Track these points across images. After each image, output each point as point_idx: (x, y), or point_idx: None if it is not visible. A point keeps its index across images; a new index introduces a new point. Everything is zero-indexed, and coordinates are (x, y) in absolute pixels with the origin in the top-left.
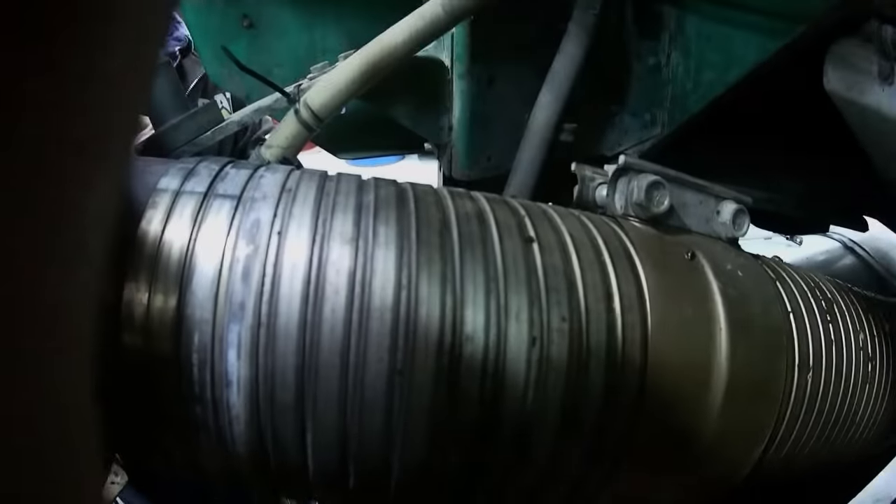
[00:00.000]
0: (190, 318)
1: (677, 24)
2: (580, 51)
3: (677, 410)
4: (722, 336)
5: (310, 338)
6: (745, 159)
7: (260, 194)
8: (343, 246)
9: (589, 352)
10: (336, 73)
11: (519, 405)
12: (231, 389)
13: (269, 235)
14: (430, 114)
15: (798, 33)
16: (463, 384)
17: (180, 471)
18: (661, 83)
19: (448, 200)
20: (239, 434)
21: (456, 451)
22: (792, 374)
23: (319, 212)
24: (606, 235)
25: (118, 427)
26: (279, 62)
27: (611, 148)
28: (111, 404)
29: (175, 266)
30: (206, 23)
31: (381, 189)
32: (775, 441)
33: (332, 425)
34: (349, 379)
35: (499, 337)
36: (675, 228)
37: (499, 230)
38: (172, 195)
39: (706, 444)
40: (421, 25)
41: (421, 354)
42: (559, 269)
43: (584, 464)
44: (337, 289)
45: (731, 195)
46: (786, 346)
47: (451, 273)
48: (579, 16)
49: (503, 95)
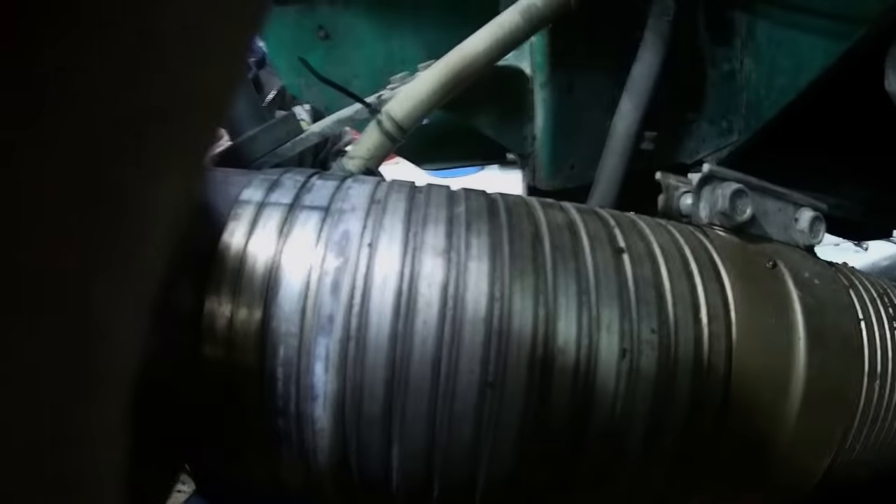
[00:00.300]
0: (276, 331)
1: (748, 29)
2: (657, 58)
3: (757, 419)
4: (800, 345)
5: (400, 350)
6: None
7: (348, 206)
8: (435, 258)
9: (676, 363)
10: (418, 83)
11: (607, 417)
12: (317, 403)
13: (358, 248)
14: (513, 123)
15: (859, 36)
16: (553, 397)
17: (258, 484)
18: (736, 89)
19: (539, 211)
20: (322, 447)
21: (543, 465)
22: (862, 382)
23: (410, 224)
24: (693, 245)
25: (196, 438)
26: (357, 73)
27: (689, 156)
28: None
29: (260, 278)
30: (281, 34)
31: (471, 200)
32: (844, 449)
33: (419, 438)
34: (439, 391)
35: (590, 349)
36: (757, 237)
37: (590, 241)
38: (256, 207)
39: (782, 453)
40: (501, 34)
41: (513, 367)
42: (649, 280)
43: (669, 476)
44: (429, 301)
45: (809, 202)
46: (858, 355)
47: (543, 285)
48: (654, 23)
49: (584, 104)
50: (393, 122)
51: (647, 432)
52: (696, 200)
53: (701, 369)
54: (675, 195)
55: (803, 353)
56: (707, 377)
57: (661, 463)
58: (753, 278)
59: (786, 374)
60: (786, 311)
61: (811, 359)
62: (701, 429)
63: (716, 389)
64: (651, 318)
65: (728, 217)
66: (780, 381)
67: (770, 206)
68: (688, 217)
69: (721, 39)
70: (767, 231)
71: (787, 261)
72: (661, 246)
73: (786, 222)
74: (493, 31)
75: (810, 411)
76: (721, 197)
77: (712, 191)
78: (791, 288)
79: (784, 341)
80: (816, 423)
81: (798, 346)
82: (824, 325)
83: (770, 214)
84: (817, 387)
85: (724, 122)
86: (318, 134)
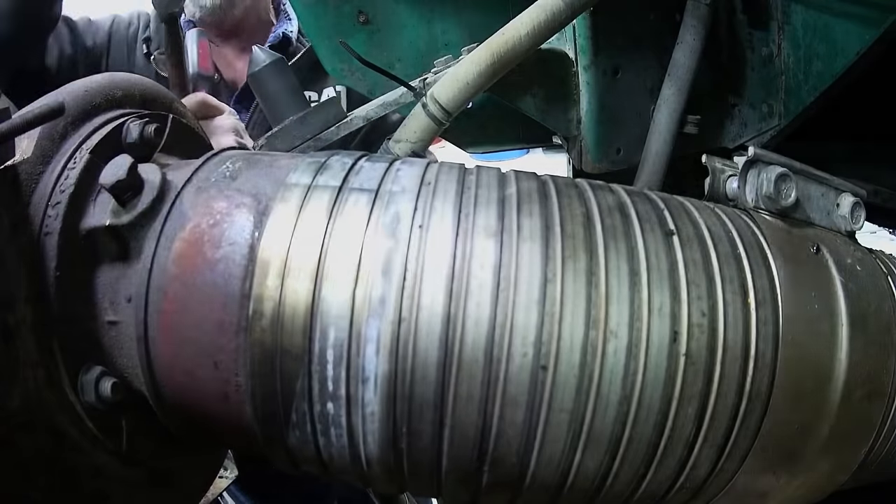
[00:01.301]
0: (326, 314)
1: (784, 13)
2: (698, 41)
3: (800, 406)
4: (843, 332)
5: (453, 332)
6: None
7: (398, 187)
8: (487, 240)
9: (726, 347)
10: (462, 66)
11: (659, 402)
12: (367, 385)
13: (409, 229)
14: (559, 106)
15: (891, 21)
16: (605, 380)
17: (304, 467)
18: (775, 74)
19: (590, 193)
20: (372, 431)
21: (594, 449)
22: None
23: (461, 205)
24: (740, 228)
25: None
26: (399, 57)
27: (732, 140)
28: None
29: (309, 261)
30: (321, 19)
31: (522, 182)
32: (879, 440)
33: (471, 421)
34: (491, 374)
35: (641, 332)
36: (801, 221)
37: (640, 223)
38: (304, 189)
39: (823, 441)
40: (543, 17)
41: (565, 350)
42: (699, 262)
43: (713, 460)
44: (482, 283)
45: (849, 188)
46: (895, 343)
47: (595, 267)
48: (692, 6)
49: (628, 86)
50: (438, 106)
51: (695, 416)
52: (741, 184)
53: (749, 353)
54: (721, 178)
55: (846, 340)
56: (756, 360)
57: (707, 447)
58: (799, 263)
59: (829, 362)
60: (829, 298)
61: (853, 346)
62: (748, 412)
63: (763, 375)
64: (701, 301)
65: (773, 201)
66: (823, 369)
67: (813, 191)
68: (734, 200)
69: (758, 23)
70: (810, 216)
71: (830, 246)
72: (709, 229)
73: (828, 207)
74: (535, 14)
75: (851, 398)
76: (766, 181)
77: (757, 174)
78: (834, 274)
79: (827, 328)
80: (856, 411)
81: (841, 332)
82: (865, 312)
83: (813, 199)
84: (858, 374)
85: (765, 106)
86: (363, 118)
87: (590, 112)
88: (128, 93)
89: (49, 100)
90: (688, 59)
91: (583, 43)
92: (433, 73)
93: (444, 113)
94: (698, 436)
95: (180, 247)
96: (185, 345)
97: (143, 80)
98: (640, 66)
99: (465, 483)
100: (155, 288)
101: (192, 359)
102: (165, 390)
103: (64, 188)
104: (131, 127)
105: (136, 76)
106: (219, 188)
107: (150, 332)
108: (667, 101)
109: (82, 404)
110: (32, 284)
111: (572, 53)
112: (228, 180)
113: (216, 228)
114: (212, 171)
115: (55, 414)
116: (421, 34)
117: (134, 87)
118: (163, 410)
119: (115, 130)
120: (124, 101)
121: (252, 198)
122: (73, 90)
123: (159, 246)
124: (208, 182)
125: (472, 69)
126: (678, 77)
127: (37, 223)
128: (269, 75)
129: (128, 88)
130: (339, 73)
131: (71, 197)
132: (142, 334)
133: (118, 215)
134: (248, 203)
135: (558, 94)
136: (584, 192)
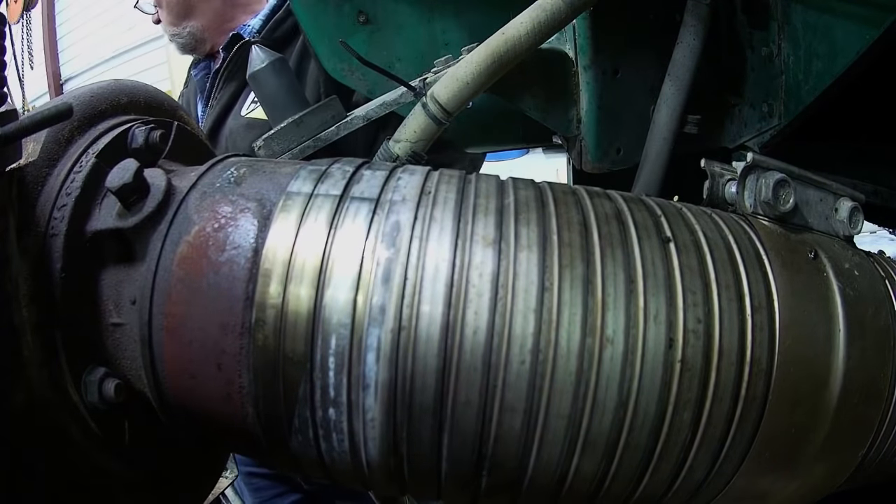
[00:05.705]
0: (327, 322)
1: (784, 13)
2: (697, 41)
3: (797, 410)
4: (840, 336)
5: (451, 340)
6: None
7: (399, 197)
8: (486, 249)
9: (721, 353)
10: (462, 66)
11: (655, 407)
12: (368, 392)
13: (409, 238)
14: (559, 106)
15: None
16: (602, 386)
17: (306, 472)
18: (775, 73)
19: (587, 200)
20: (373, 437)
21: (590, 454)
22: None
23: (461, 215)
24: (737, 235)
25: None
26: (399, 57)
27: (732, 140)
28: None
29: (311, 269)
30: (321, 19)
31: (520, 190)
32: (876, 443)
33: (470, 427)
34: (489, 381)
35: (637, 339)
36: (799, 226)
37: (637, 231)
38: (305, 198)
39: (819, 445)
40: (543, 17)
41: (562, 357)
42: (695, 269)
43: (710, 464)
44: (480, 291)
45: (847, 192)
46: (892, 348)
47: (592, 275)
48: (693, 6)
49: (628, 86)
50: (438, 105)
51: (691, 421)
52: (740, 189)
53: (745, 359)
54: (720, 182)
55: (843, 346)
56: (751, 366)
57: (703, 451)
58: (796, 269)
59: (826, 366)
60: (827, 303)
61: (850, 351)
62: (743, 417)
63: (759, 380)
64: (697, 307)
65: (772, 206)
66: (820, 373)
67: (811, 196)
68: (732, 205)
69: (758, 23)
70: (808, 220)
71: (828, 251)
72: (706, 235)
73: (826, 212)
74: (535, 14)
75: (848, 402)
76: (765, 186)
77: (756, 180)
78: (832, 279)
79: (825, 333)
80: (854, 414)
81: (838, 338)
82: (863, 318)
83: (811, 204)
84: (855, 378)
85: (765, 105)
86: (363, 118)
87: (590, 112)
88: (133, 99)
89: (56, 102)
90: (688, 58)
91: (583, 43)
92: (433, 72)
93: (444, 113)
94: (694, 440)
95: (185, 250)
96: (189, 346)
97: (148, 87)
98: (640, 66)
99: (464, 487)
100: (159, 290)
101: (196, 360)
102: (168, 391)
103: (70, 191)
104: (137, 133)
105: (140, 83)
106: (223, 193)
107: (154, 333)
108: (667, 101)
109: (85, 405)
110: (37, 285)
111: (572, 53)
112: (233, 185)
113: (221, 232)
114: (216, 177)
115: (58, 414)
116: (421, 34)
117: (139, 93)
118: (165, 411)
119: (121, 136)
120: (129, 107)
121: (256, 203)
122: (80, 95)
123: (164, 249)
124: (213, 187)
125: (471, 69)
126: (678, 77)
127: (42, 225)
128: (269, 75)
129: (133, 95)
130: (339, 72)
131: (77, 200)
132: (145, 336)
133: (123, 218)
134: (253, 208)
135: (558, 94)
136: (582, 200)
